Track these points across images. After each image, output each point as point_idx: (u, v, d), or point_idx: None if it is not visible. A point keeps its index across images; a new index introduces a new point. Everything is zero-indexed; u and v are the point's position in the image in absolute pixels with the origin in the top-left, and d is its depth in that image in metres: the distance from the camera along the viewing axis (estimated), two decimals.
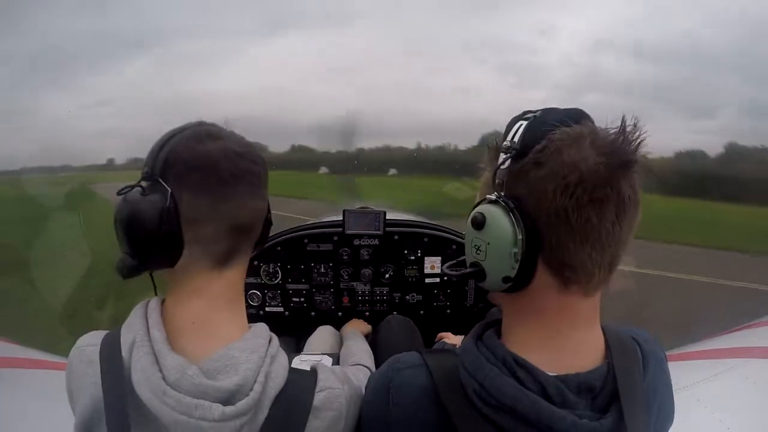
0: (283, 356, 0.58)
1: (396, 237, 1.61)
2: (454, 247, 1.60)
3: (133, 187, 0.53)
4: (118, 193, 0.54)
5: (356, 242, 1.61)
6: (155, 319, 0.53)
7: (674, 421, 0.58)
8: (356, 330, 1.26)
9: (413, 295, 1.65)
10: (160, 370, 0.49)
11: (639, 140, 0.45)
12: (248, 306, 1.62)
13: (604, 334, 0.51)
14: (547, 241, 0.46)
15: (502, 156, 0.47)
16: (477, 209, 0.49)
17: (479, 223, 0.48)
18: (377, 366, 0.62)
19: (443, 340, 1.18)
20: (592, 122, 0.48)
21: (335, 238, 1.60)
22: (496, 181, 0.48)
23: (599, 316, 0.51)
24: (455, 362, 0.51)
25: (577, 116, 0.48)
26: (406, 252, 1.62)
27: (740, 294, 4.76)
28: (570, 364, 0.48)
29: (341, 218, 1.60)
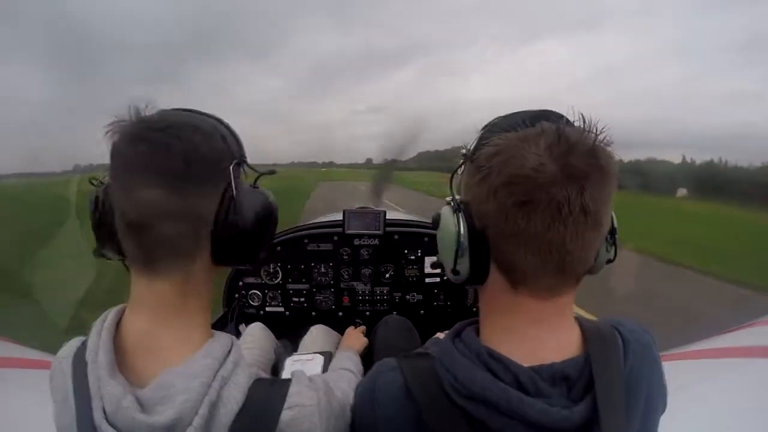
0: (241, 374, 0.52)
1: (396, 237, 1.61)
2: None
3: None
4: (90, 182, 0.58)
5: (356, 242, 1.61)
6: (104, 339, 0.50)
7: (674, 421, 0.58)
8: (350, 348, 1.22)
9: (413, 295, 1.65)
10: (102, 399, 0.46)
11: (587, 146, 0.44)
12: (248, 306, 1.63)
13: (581, 327, 0.52)
14: (490, 242, 0.49)
15: (461, 161, 0.53)
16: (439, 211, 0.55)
17: (435, 223, 0.55)
18: (373, 365, 0.62)
19: (437, 336, 1.17)
20: (564, 122, 0.48)
21: (335, 237, 1.61)
22: (453, 185, 0.53)
23: (569, 316, 0.52)
24: (429, 363, 0.54)
25: (538, 118, 0.48)
26: (406, 252, 1.62)
27: None
28: (544, 356, 0.49)
29: (341, 218, 1.60)
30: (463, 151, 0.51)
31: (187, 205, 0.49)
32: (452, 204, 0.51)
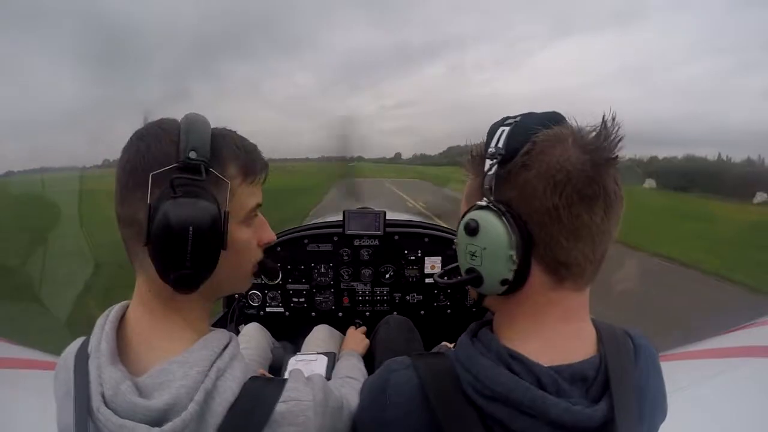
0: (237, 367, 0.53)
1: (396, 237, 1.62)
2: (454, 247, 1.60)
3: None
4: None
5: (356, 242, 1.61)
6: (107, 330, 0.52)
7: (675, 420, 0.58)
8: (353, 352, 1.21)
9: (413, 295, 1.65)
10: (101, 385, 0.48)
11: (618, 137, 0.47)
12: (248, 306, 1.62)
13: (596, 327, 0.53)
14: (540, 240, 0.47)
15: (488, 162, 0.49)
16: (469, 216, 0.50)
17: (473, 229, 0.49)
18: (375, 367, 0.62)
19: (444, 343, 1.17)
20: (569, 124, 0.50)
21: (335, 238, 1.61)
22: (485, 186, 0.49)
23: (588, 307, 0.53)
24: (444, 362, 0.53)
25: (556, 119, 0.49)
26: (406, 252, 1.62)
27: None
28: (563, 356, 0.49)
29: (341, 218, 1.60)
30: (492, 149, 0.48)
31: (126, 212, 0.51)
32: (492, 206, 0.48)
